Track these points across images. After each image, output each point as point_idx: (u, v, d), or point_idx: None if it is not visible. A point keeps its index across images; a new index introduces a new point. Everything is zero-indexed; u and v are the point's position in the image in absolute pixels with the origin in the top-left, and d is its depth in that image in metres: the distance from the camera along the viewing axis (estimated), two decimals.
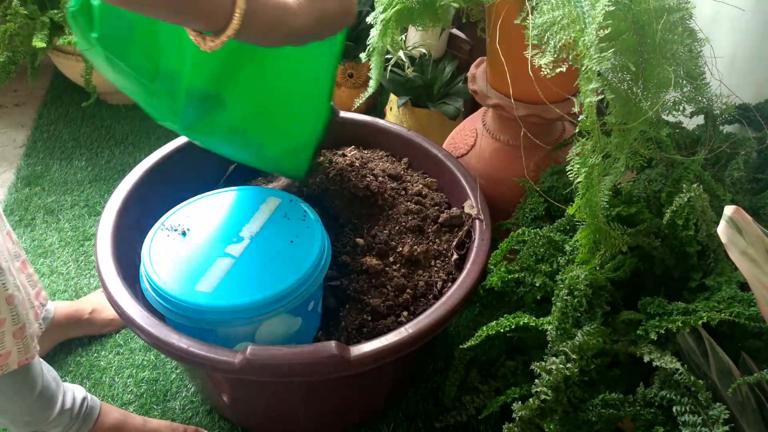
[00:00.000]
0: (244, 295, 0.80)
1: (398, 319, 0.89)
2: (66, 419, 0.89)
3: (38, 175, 1.51)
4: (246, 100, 0.85)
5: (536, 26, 0.73)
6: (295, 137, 0.93)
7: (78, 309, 1.13)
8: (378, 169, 1.06)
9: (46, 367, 0.87)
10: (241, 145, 0.93)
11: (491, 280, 0.84)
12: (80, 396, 0.92)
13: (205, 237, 0.88)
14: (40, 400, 0.85)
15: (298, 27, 0.62)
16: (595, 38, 0.65)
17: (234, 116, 0.86)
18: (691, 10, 0.73)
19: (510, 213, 1.01)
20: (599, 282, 0.75)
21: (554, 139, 1.11)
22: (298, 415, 0.97)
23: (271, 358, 0.77)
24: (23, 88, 1.79)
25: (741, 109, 0.97)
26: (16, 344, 0.77)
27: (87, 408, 0.93)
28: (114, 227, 0.94)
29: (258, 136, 0.91)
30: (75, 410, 0.90)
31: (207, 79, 0.80)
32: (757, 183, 0.92)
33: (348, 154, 1.07)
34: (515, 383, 0.83)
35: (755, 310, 0.68)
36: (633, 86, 0.71)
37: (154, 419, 1.01)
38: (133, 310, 0.82)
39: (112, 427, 0.95)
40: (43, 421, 0.86)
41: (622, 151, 0.71)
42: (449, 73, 1.43)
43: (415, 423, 1.04)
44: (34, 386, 0.84)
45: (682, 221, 0.75)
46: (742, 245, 0.58)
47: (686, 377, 0.64)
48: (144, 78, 0.79)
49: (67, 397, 0.90)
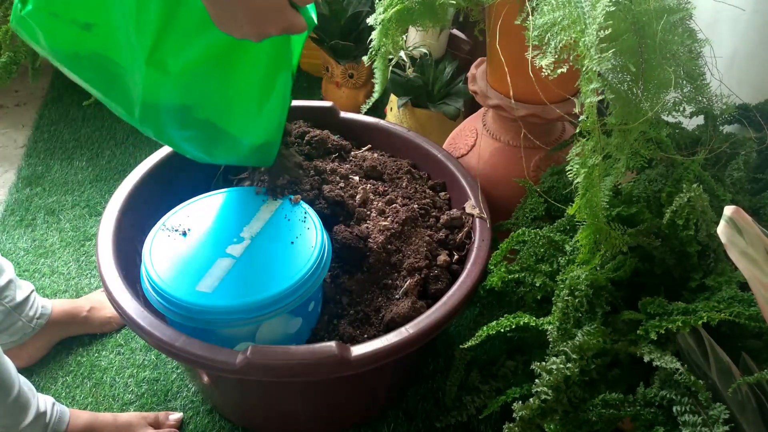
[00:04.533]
0: (245, 296, 0.80)
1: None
2: (42, 423, 0.90)
3: (39, 176, 1.51)
4: (216, 105, 0.83)
5: (537, 27, 0.73)
6: (265, 127, 0.90)
7: (76, 307, 1.13)
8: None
9: (19, 375, 0.88)
10: (207, 140, 0.88)
11: (491, 280, 0.84)
12: (50, 402, 0.93)
13: (205, 237, 0.88)
14: (18, 403, 0.86)
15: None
16: (595, 39, 0.65)
17: (200, 116, 0.83)
18: (691, 10, 0.73)
19: (510, 213, 1.01)
20: (600, 282, 0.75)
21: (554, 139, 1.11)
22: (299, 415, 0.97)
23: (271, 359, 0.77)
24: (24, 88, 1.79)
25: (741, 109, 0.97)
26: None
27: (58, 413, 0.93)
28: (115, 227, 0.94)
29: (231, 128, 0.87)
30: (48, 414, 0.91)
31: (166, 94, 0.78)
32: (757, 183, 0.92)
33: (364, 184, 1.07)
34: (516, 383, 0.83)
35: (755, 310, 0.68)
36: (633, 87, 0.72)
37: (124, 413, 1.01)
38: (134, 310, 0.82)
39: (84, 428, 0.95)
40: (20, 423, 0.87)
41: (623, 151, 0.71)
42: (449, 73, 1.43)
43: (416, 423, 1.04)
44: (11, 389, 0.84)
45: (682, 221, 0.75)
46: (742, 245, 0.58)
47: (686, 377, 0.64)
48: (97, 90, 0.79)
49: (40, 401, 0.90)
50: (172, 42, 0.73)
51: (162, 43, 0.73)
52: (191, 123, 0.83)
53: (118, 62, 0.76)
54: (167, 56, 0.74)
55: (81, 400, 1.06)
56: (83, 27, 0.73)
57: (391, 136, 1.16)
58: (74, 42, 0.74)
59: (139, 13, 0.71)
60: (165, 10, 0.71)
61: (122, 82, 0.78)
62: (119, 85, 0.78)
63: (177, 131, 0.84)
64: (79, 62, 0.76)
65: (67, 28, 0.73)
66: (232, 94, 0.82)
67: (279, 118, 0.89)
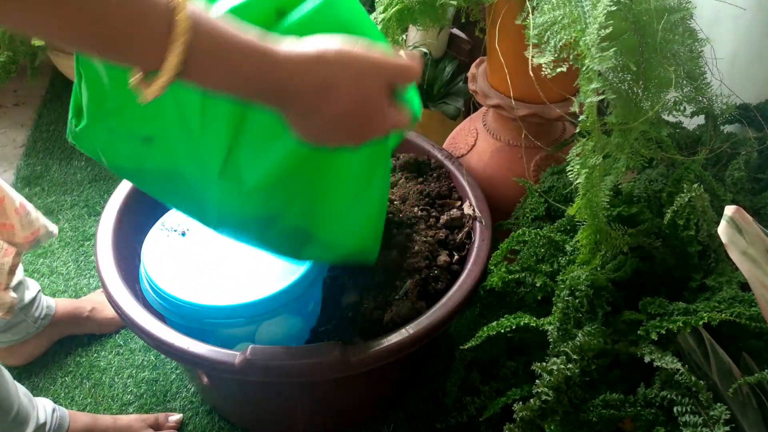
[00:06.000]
0: (244, 296, 0.80)
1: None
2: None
3: (38, 175, 1.51)
4: (304, 213, 0.73)
5: (537, 26, 0.73)
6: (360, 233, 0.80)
7: (78, 307, 1.14)
8: None
9: (18, 385, 0.87)
10: (297, 244, 0.78)
11: (492, 280, 0.84)
12: (50, 408, 0.93)
13: (204, 237, 0.88)
14: (17, 420, 0.85)
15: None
16: (596, 38, 0.65)
17: (287, 224, 0.73)
18: (691, 9, 0.73)
19: (510, 213, 1.01)
20: (600, 282, 0.75)
21: (554, 139, 1.11)
22: (298, 415, 0.97)
23: (271, 359, 0.77)
24: (23, 88, 1.78)
25: (742, 109, 0.97)
26: None
27: (58, 418, 0.93)
28: (114, 227, 0.94)
29: (325, 236, 0.77)
30: (47, 425, 0.91)
31: (247, 207, 0.70)
32: (758, 183, 0.91)
33: None
34: (516, 384, 0.82)
35: (756, 311, 0.67)
36: (634, 86, 0.71)
37: (124, 416, 1.01)
38: (133, 311, 0.82)
39: (84, 431, 0.95)
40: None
41: (623, 151, 0.71)
42: (449, 72, 1.43)
43: (416, 424, 1.04)
44: (10, 408, 0.84)
45: (682, 221, 0.75)
46: (742, 245, 0.58)
47: (687, 377, 0.64)
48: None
49: (40, 412, 0.90)
50: (245, 152, 0.64)
51: (234, 155, 0.64)
52: (276, 230, 0.74)
53: (186, 175, 0.68)
54: (242, 168, 0.65)
55: (80, 400, 1.06)
56: (144, 140, 0.66)
57: None
58: (136, 156, 0.68)
59: (205, 123, 0.63)
60: (234, 118, 0.62)
61: (194, 193, 0.70)
62: (191, 196, 0.71)
63: (261, 237, 0.76)
64: (144, 177, 0.70)
65: (126, 142, 0.66)
66: (321, 199, 0.72)
67: (376, 223, 0.80)
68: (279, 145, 0.64)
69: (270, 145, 0.65)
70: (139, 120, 0.65)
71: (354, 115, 0.52)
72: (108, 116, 0.65)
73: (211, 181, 0.66)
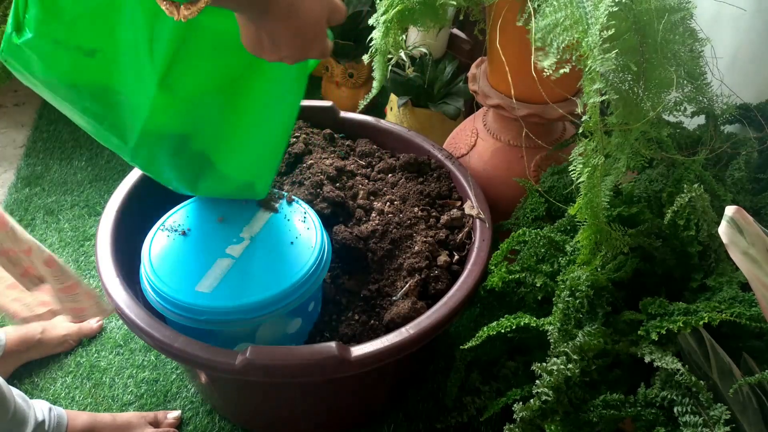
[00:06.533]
0: (244, 296, 0.80)
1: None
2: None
3: (38, 176, 1.51)
4: (215, 136, 0.81)
5: (539, 29, 0.73)
6: (259, 164, 0.88)
7: (28, 332, 1.10)
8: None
9: (12, 388, 0.87)
10: (196, 174, 0.87)
11: (492, 280, 0.84)
12: (46, 407, 0.92)
13: (205, 237, 0.88)
14: (15, 420, 0.85)
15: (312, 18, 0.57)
16: (598, 39, 0.65)
17: (195, 147, 0.82)
18: (692, 10, 0.73)
19: (510, 213, 1.01)
20: (600, 282, 0.75)
21: (555, 139, 1.11)
22: (298, 415, 0.97)
23: (271, 359, 0.77)
24: (23, 87, 1.77)
25: (742, 109, 0.97)
26: None
27: (56, 417, 0.93)
28: (114, 227, 0.94)
29: (222, 164, 0.85)
30: (46, 423, 0.90)
31: (170, 121, 0.76)
32: (758, 183, 0.92)
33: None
34: (516, 384, 0.82)
35: (756, 311, 0.67)
36: (634, 86, 0.71)
37: (123, 413, 1.01)
38: (134, 311, 0.82)
39: (83, 429, 0.95)
40: None
41: (624, 151, 0.71)
42: (449, 73, 1.43)
43: (416, 424, 1.04)
44: (8, 409, 0.84)
45: (683, 221, 0.75)
46: (743, 245, 0.58)
47: (687, 378, 0.64)
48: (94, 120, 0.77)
49: (37, 411, 0.90)
50: (184, 65, 0.71)
51: (175, 66, 0.70)
52: (184, 154, 0.82)
53: (119, 90, 0.74)
54: (178, 79, 0.72)
55: (80, 400, 1.06)
56: (87, 54, 0.70)
57: (390, 136, 1.15)
58: (74, 70, 0.71)
59: (153, 35, 0.68)
60: (180, 33, 0.68)
61: (120, 110, 0.76)
62: (116, 113, 0.76)
63: (168, 163, 0.83)
64: (75, 92, 0.74)
65: (69, 55, 0.70)
66: (231, 127, 0.80)
67: (272, 155, 0.87)
68: (215, 61, 0.73)
69: (207, 60, 0.72)
70: (89, 32, 0.69)
71: (306, 30, 0.58)
72: (58, 28, 0.68)
73: (147, 93, 0.72)
